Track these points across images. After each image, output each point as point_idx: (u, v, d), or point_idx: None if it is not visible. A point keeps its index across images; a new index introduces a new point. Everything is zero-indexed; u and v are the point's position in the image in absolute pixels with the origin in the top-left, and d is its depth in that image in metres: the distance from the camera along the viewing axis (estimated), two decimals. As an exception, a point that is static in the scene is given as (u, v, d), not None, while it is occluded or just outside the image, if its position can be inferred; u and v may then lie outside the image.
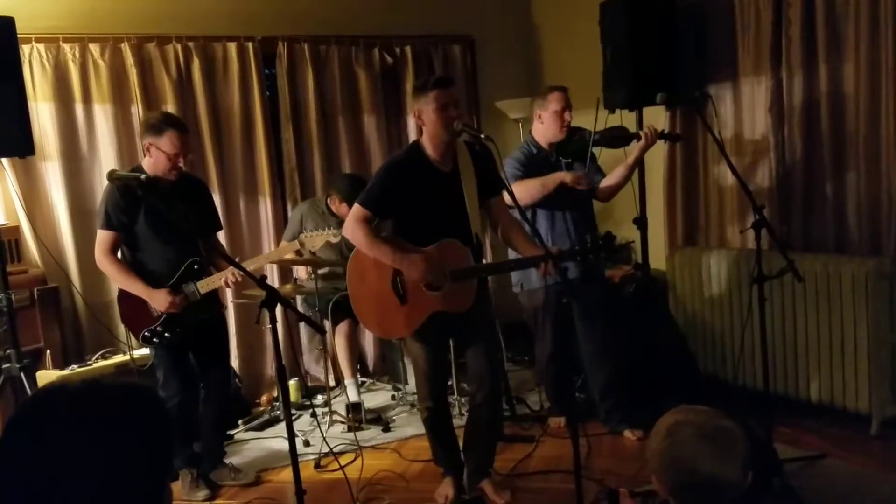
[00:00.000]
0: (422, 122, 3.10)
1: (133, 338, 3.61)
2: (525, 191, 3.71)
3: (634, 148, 3.87)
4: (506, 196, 3.22)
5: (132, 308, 3.49)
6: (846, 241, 3.89)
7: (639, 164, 3.94)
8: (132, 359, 3.83)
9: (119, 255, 3.50)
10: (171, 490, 1.23)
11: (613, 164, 4.02)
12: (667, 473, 1.57)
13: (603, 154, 4.06)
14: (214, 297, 3.66)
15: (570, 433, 2.85)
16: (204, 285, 3.49)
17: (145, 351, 3.75)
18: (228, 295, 4.54)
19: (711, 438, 1.53)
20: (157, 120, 3.44)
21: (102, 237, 3.44)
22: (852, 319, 3.64)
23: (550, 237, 3.83)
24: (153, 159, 3.40)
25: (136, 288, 3.43)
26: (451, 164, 3.16)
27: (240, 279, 3.39)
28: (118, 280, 3.51)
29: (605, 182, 3.95)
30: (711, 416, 1.59)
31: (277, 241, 4.92)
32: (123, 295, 3.51)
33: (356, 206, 3.15)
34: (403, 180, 3.12)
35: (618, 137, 3.90)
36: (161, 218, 3.42)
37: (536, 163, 3.86)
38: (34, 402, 1.13)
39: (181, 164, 3.42)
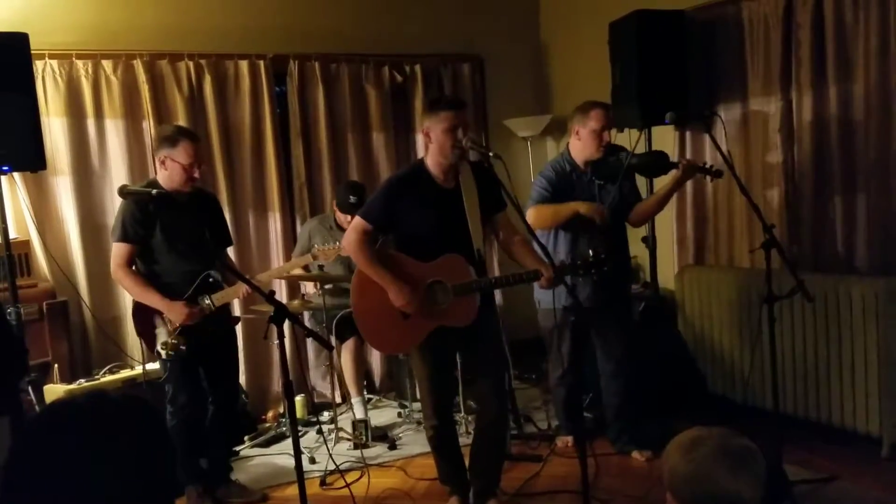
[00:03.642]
0: (429, 140, 3.13)
1: (148, 351, 3.60)
2: (538, 216, 3.67)
3: (670, 178, 3.67)
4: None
5: (147, 322, 3.50)
6: (856, 261, 3.87)
7: (673, 194, 3.75)
8: (145, 373, 3.82)
9: (133, 268, 3.51)
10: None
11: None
12: (685, 490, 1.56)
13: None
14: (226, 309, 3.68)
15: (578, 452, 2.83)
16: (219, 298, 3.50)
17: (155, 366, 3.74)
18: (236, 309, 4.55)
19: (732, 456, 1.52)
20: (170, 132, 3.48)
21: (118, 250, 3.45)
22: (862, 340, 3.62)
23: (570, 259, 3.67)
24: (169, 172, 3.42)
25: (153, 300, 3.43)
26: (454, 182, 3.17)
27: (252, 292, 3.40)
28: (134, 292, 3.50)
29: (638, 209, 3.80)
30: (729, 434, 1.58)
31: (286, 256, 4.93)
32: (139, 309, 3.51)
33: (357, 218, 3.20)
34: (404, 194, 3.15)
35: (655, 165, 3.73)
36: (177, 231, 3.44)
37: (567, 181, 3.73)
38: (44, 414, 1.18)
39: (196, 175, 3.44)
